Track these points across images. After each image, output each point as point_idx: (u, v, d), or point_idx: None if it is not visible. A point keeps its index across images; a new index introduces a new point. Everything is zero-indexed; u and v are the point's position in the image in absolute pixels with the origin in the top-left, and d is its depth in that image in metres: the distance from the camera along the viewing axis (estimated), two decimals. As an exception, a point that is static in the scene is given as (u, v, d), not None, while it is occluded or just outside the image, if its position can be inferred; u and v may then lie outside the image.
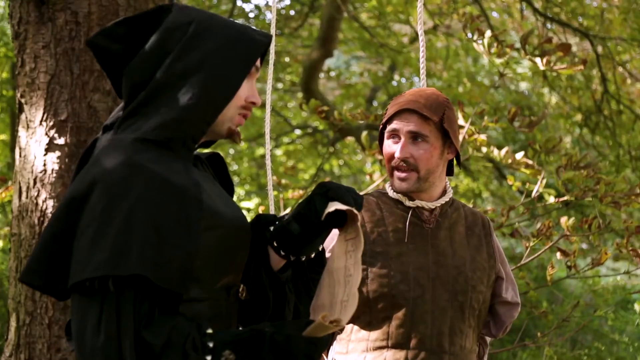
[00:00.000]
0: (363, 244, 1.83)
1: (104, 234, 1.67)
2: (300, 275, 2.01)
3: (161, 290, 1.71)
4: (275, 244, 1.96)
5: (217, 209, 1.82)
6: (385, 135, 2.56)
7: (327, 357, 2.61)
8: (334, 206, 1.86)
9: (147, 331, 1.68)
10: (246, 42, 1.85)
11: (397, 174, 2.53)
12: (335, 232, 2.00)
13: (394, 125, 2.52)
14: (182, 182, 1.75)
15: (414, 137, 2.50)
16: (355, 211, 1.86)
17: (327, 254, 2.09)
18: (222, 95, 1.83)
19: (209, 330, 1.74)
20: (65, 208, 1.74)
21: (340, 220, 1.90)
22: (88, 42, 1.87)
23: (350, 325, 2.55)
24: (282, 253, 1.96)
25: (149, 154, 1.75)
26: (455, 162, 2.64)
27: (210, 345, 1.71)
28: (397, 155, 2.50)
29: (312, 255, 2.00)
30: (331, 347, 2.60)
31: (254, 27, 1.89)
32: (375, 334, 2.50)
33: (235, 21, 1.90)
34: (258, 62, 1.90)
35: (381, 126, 2.59)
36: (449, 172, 2.64)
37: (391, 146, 2.53)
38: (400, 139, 2.51)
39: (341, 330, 2.55)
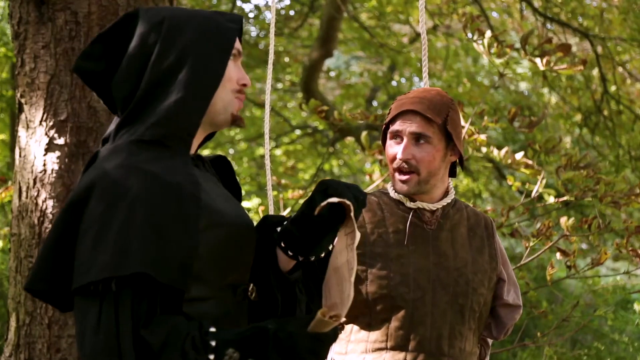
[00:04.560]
0: (358, 234, 1.81)
1: (105, 236, 1.68)
2: (310, 275, 2.00)
3: (163, 288, 1.71)
4: (282, 245, 1.95)
5: (217, 207, 1.82)
6: (388, 135, 2.54)
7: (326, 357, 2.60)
8: (326, 200, 1.85)
9: (145, 330, 1.68)
10: (219, 30, 1.87)
11: (398, 176, 2.50)
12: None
13: (397, 126, 2.50)
14: (178, 180, 1.76)
15: (417, 138, 2.47)
16: (348, 202, 1.83)
17: None
18: (208, 86, 1.85)
19: (212, 329, 1.72)
20: (66, 213, 1.76)
21: (342, 217, 1.89)
22: (74, 70, 1.89)
23: (350, 325, 2.54)
24: (290, 254, 1.95)
25: (144, 155, 1.77)
26: (457, 163, 2.62)
27: (213, 343, 1.70)
28: (399, 156, 2.48)
29: (322, 255, 1.98)
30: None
31: (222, 12, 1.91)
32: (375, 335, 2.49)
33: (202, 10, 1.91)
34: (238, 45, 1.91)
35: (384, 126, 2.57)
36: (452, 173, 2.62)
37: (393, 147, 2.51)
38: (402, 139, 2.49)
39: (342, 329, 2.55)
